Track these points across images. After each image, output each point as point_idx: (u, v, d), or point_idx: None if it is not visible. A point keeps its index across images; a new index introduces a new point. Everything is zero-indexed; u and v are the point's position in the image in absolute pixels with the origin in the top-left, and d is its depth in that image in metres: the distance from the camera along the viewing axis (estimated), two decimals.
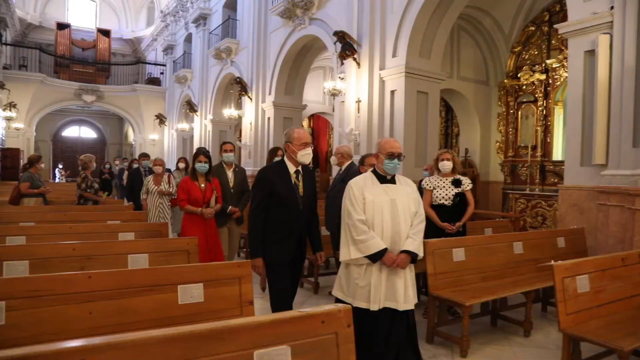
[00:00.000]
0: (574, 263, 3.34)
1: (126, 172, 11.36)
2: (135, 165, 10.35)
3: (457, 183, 4.95)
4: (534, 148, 11.02)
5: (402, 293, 3.19)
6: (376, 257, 3.12)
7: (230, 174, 5.75)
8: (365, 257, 3.14)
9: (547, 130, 10.95)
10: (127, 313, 2.51)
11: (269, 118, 13.62)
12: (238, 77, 14.65)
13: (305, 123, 18.00)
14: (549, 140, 10.89)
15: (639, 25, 5.22)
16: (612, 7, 5.61)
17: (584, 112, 6.09)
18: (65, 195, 10.16)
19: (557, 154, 10.58)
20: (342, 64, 9.89)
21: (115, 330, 2.43)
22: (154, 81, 25.15)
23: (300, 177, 3.58)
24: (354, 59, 9.54)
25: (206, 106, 18.42)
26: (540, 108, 11.03)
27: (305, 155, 3.51)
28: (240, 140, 15.69)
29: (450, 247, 4.29)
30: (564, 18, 6.42)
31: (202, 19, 18.86)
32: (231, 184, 5.68)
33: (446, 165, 5.03)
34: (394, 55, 9.02)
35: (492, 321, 4.75)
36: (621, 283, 3.58)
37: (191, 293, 2.63)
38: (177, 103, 22.24)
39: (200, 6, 18.93)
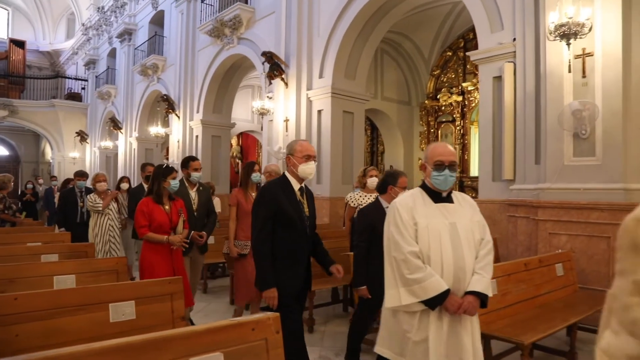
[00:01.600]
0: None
1: (57, 194, 9.66)
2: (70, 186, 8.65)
3: None
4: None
5: (470, 347, 2.44)
6: (436, 302, 2.36)
7: (193, 194, 4.96)
8: (421, 302, 2.39)
9: (465, 148, 11.73)
10: (56, 334, 2.50)
11: (197, 136, 13.53)
12: (165, 95, 14.46)
13: (234, 141, 18.01)
14: (466, 158, 11.66)
15: (536, 56, 5.83)
16: (514, 39, 6.23)
17: (494, 132, 6.66)
18: None
19: (474, 170, 11.34)
20: (270, 83, 10.10)
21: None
22: (75, 96, 24.07)
23: (304, 195, 3.23)
24: (282, 79, 9.79)
25: (131, 123, 17.93)
26: (457, 127, 11.81)
27: (307, 169, 3.14)
28: (167, 159, 15.41)
29: None
30: (477, 45, 7.04)
31: (127, 34, 18.44)
32: (194, 206, 4.91)
33: (374, 181, 5.33)
34: (320, 76, 9.36)
35: None
36: (524, 285, 3.99)
37: (123, 311, 2.66)
38: (100, 120, 21.44)
39: (125, 21, 18.49)
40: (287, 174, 3.22)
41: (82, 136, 22.05)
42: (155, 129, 15.60)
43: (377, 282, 3.48)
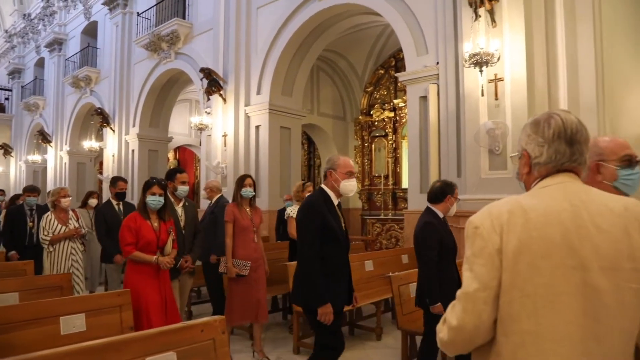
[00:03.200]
0: (407, 273, 4.11)
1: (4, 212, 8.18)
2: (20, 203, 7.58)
3: None
4: (387, 177, 12.34)
5: None
6: None
7: (179, 210, 4.51)
8: None
9: (397, 161, 12.35)
10: (8, 348, 2.60)
11: (133, 150, 13.36)
12: (99, 108, 14.16)
13: (171, 155, 17.83)
14: (398, 170, 12.27)
15: (457, 79, 6.42)
16: (437, 63, 6.81)
17: (421, 147, 7.19)
18: None
19: (406, 183, 11.93)
20: (209, 99, 10.25)
21: None
22: None
23: (340, 209, 3.22)
24: (220, 95, 9.97)
25: (62, 137, 17.32)
26: (390, 142, 12.43)
27: (349, 186, 3.11)
28: (101, 174, 15.04)
29: None
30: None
31: (57, 43, 17.84)
32: (182, 223, 4.47)
33: None
34: (258, 93, 9.65)
35: (350, 331, 5.41)
36: None
37: (73, 323, 2.80)
38: (27, 132, 20.50)
39: (55, 30, 17.89)
40: (325, 188, 3.15)
41: (6, 149, 20.94)
42: (89, 143, 15.20)
43: (449, 296, 3.53)
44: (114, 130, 13.93)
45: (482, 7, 5.65)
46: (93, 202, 6.80)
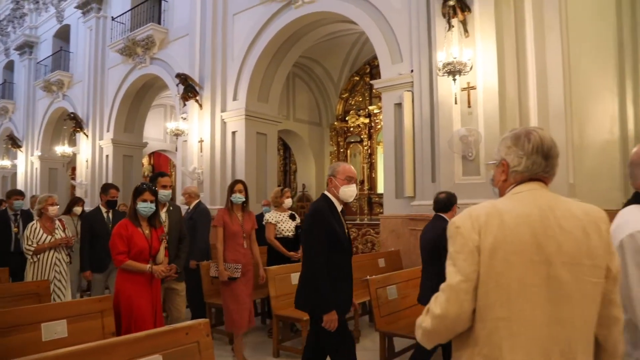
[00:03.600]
0: (384, 276, 4.21)
1: None
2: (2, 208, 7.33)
3: (292, 217, 5.74)
4: (362, 183, 12.48)
5: None
6: None
7: (163, 215, 4.37)
8: None
9: (372, 166, 12.52)
10: None
11: (107, 156, 13.19)
12: (72, 113, 13.93)
13: (145, 160, 17.64)
14: (374, 176, 12.45)
15: (431, 87, 6.58)
16: (412, 70, 6.97)
17: (396, 153, 7.32)
18: None
19: (381, 188, 12.12)
20: (185, 105, 10.21)
21: None
22: None
23: (343, 215, 3.27)
24: (196, 101, 9.95)
25: (33, 141, 16.96)
26: (365, 147, 12.60)
27: (348, 192, 3.13)
28: (74, 179, 14.79)
29: (288, 272, 4.93)
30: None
31: (27, 46, 17.49)
32: (165, 229, 4.28)
33: (290, 202, 5.86)
34: (234, 99, 9.67)
35: None
36: None
37: (55, 330, 2.80)
38: None
39: (25, 33, 17.54)
40: (328, 194, 3.20)
41: None
42: (61, 148, 14.90)
43: None
44: (87, 135, 13.72)
45: (455, 18, 5.83)
46: (78, 209, 6.50)
